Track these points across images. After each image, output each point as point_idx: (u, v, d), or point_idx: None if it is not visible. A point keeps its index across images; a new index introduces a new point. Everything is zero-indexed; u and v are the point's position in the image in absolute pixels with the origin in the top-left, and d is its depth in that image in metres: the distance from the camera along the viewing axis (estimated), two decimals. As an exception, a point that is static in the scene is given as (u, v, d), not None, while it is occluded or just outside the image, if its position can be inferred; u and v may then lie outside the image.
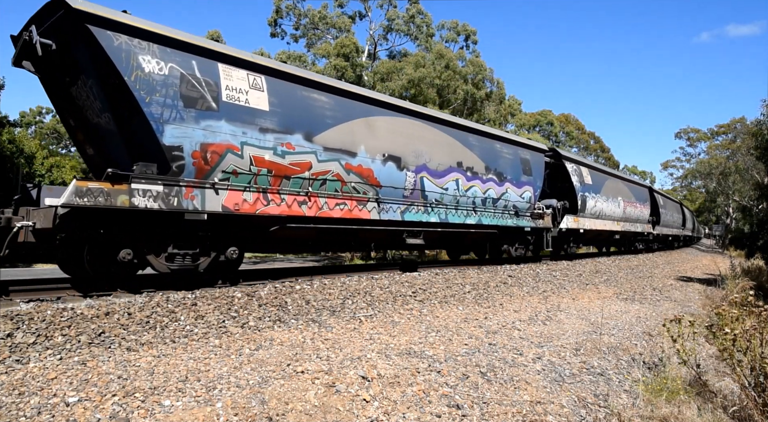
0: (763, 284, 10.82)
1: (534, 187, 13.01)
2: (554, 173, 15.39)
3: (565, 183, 15.25)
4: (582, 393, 3.99)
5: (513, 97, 29.40)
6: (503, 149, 12.19)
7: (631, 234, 21.59)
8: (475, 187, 10.96)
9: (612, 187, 18.72)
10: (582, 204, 15.53)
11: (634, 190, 21.87)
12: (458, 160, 10.53)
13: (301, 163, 7.36)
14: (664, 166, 61.93)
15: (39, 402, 3.13)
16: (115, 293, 6.22)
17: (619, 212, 18.95)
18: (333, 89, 8.08)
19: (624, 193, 20.05)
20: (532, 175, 13.00)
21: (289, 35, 26.15)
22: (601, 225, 17.40)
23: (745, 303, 4.13)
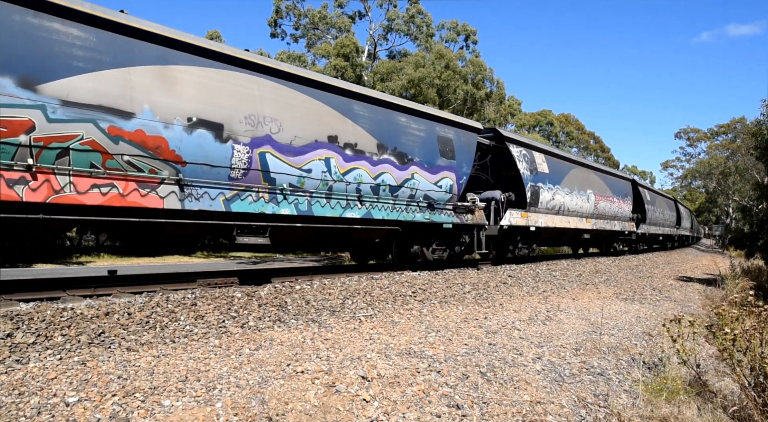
0: (763, 284, 10.82)
1: (458, 174, 10.27)
2: (499, 159, 12.68)
3: (511, 171, 12.49)
4: (582, 393, 3.99)
5: (513, 97, 29.43)
6: (411, 124, 9.47)
7: (607, 233, 18.86)
8: (359, 171, 8.29)
9: (579, 178, 15.88)
10: (533, 196, 12.76)
11: (611, 183, 18.96)
12: (331, 133, 7.86)
13: (10, 120, 4.98)
14: (664, 166, 61.98)
15: (39, 402, 3.13)
16: (115, 293, 6.22)
17: (588, 207, 16.19)
18: (91, 19, 5.61)
19: (597, 185, 17.32)
20: (455, 159, 10.22)
21: (289, 35, 26.18)
22: (563, 222, 14.59)
23: (745, 303, 4.13)
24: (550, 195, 13.65)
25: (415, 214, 9.49)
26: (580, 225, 15.97)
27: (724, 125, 51.30)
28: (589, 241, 19.47)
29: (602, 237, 19.67)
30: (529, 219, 12.66)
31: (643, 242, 24.67)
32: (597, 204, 16.98)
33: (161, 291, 6.13)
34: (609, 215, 18.25)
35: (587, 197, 16.20)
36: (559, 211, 14.35)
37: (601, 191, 17.64)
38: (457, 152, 10.42)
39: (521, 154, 12.78)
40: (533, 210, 12.92)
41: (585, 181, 16.43)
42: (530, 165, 12.96)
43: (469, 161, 10.81)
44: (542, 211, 13.37)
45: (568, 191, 14.93)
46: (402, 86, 21.58)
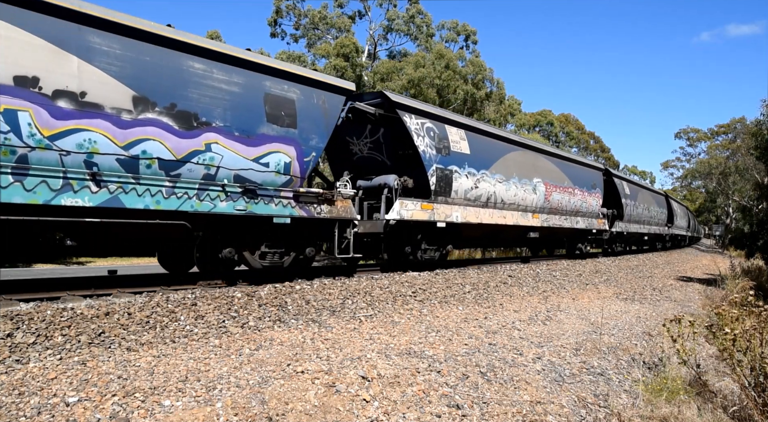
0: (763, 284, 10.82)
1: (300, 149, 7.48)
2: (394, 134, 9.87)
3: (410, 149, 9.70)
4: (582, 393, 3.99)
5: (513, 97, 29.44)
6: (213, 73, 6.69)
7: (567, 231, 15.72)
8: (91, 134, 5.58)
9: (520, 163, 12.86)
10: (442, 183, 9.90)
11: (573, 172, 15.78)
12: (24, 72, 5.13)
13: None
14: (664, 166, 61.96)
15: (39, 402, 3.13)
16: (115, 293, 6.22)
17: (535, 200, 13.21)
18: None
19: (550, 173, 14.20)
20: (295, 128, 7.44)
21: (289, 35, 26.19)
22: (495, 217, 11.57)
23: (745, 303, 4.13)
24: (470, 182, 10.63)
25: (217, 204, 6.62)
26: (523, 221, 12.76)
27: (724, 125, 51.33)
28: (541, 241, 16.11)
29: (561, 237, 16.56)
30: (434, 213, 9.70)
31: (620, 242, 20.94)
32: (549, 196, 13.86)
33: (161, 291, 6.13)
34: (569, 210, 15.11)
35: (533, 187, 13.08)
36: (487, 203, 11.30)
37: (556, 180, 14.43)
38: (302, 119, 7.48)
39: (423, 128, 9.70)
40: (443, 200, 10.01)
41: (530, 168, 13.21)
42: (438, 142, 9.87)
43: (323, 132, 7.88)
44: (458, 202, 10.39)
45: (502, 178, 11.78)
46: (402, 86, 21.59)
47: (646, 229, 23.24)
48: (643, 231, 22.75)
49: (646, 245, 26.72)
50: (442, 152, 9.96)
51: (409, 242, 9.86)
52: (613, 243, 19.98)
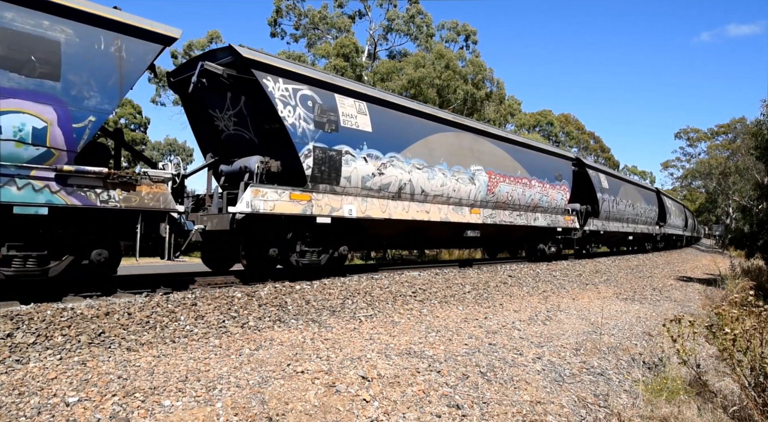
0: (763, 284, 10.82)
1: (62, 109, 5.36)
2: (256, 103, 7.74)
3: (275, 123, 7.59)
4: (582, 393, 3.99)
5: (513, 97, 29.44)
6: None
7: (520, 230, 13.29)
8: None
9: (453, 147, 10.58)
10: (324, 167, 7.73)
11: (529, 161, 13.21)
12: None
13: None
14: (664, 166, 61.92)
15: (39, 402, 3.13)
16: (115, 293, 6.22)
17: (472, 191, 10.83)
18: None
19: (496, 160, 11.81)
20: (55, 79, 5.34)
21: (289, 35, 26.19)
22: (409, 211, 9.34)
23: (745, 303, 4.13)
24: (371, 167, 8.47)
25: None
26: (456, 217, 10.45)
27: (724, 125, 51.31)
28: (484, 241, 13.99)
29: (517, 236, 14.27)
30: (312, 205, 7.56)
31: (596, 243, 18.40)
32: (495, 187, 11.52)
33: (161, 291, 6.13)
34: (523, 205, 12.78)
35: (471, 176, 10.78)
36: (400, 194, 9.10)
37: (506, 169, 12.08)
38: (72, 69, 5.42)
39: (295, 95, 7.47)
40: (327, 189, 7.82)
41: (466, 153, 10.92)
42: (319, 114, 7.73)
43: (112, 91, 5.73)
44: (353, 192, 8.26)
45: (423, 164, 9.56)
46: (402, 86, 21.59)
47: (630, 228, 20.66)
48: (626, 230, 20.13)
49: (631, 245, 24.57)
50: (325, 128, 7.77)
51: (276, 243, 7.66)
52: (588, 243, 17.46)
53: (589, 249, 17.80)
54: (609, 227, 18.06)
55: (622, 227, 19.63)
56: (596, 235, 17.65)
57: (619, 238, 21.54)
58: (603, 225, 17.47)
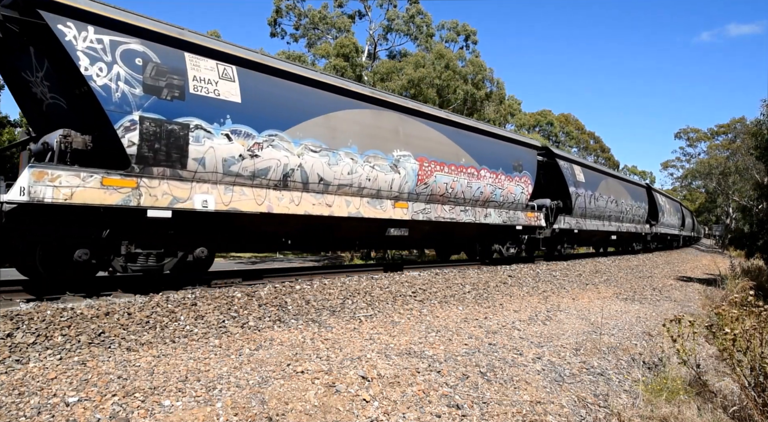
0: (763, 284, 10.82)
1: None
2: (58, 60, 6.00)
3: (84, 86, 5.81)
4: (582, 393, 3.99)
5: (513, 97, 29.44)
6: None
7: (467, 228, 11.43)
8: None
9: (364, 127, 8.65)
10: (154, 144, 6.00)
11: (477, 147, 11.21)
12: None
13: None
14: (664, 166, 61.91)
15: (39, 402, 3.13)
16: (115, 293, 6.22)
17: (396, 182, 9.09)
18: None
19: (431, 146, 9.95)
20: None
21: (289, 35, 26.19)
22: (302, 204, 7.59)
23: (745, 303, 4.13)
24: (237, 148, 6.66)
25: None
26: (374, 212, 8.71)
27: (724, 125, 51.31)
28: (417, 240, 11.61)
29: (464, 235, 12.08)
30: (141, 194, 5.85)
31: (569, 243, 16.21)
32: (428, 177, 9.76)
33: (161, 291, 6.13)
34: (470, 199, 10.97)
35: (394, 163, 8.97)
36: (286, 182, 7.32)
37: (444, 156, 10.20)
38: None
39: (113, 49, 5.78)
40: (168, 174, 6.13)
41: (389, 135, 9.05)
42: (154, 76, 6.02)
43: None
44: (210, 178, 6.52)
45: (323, 146, 7.76)
46: (402, 86, 21.58)
47: (614, 227, 18.73)
48: (608, 228, 18.13)
49: (615, 246, 22.85)
50: (163, 94, 6.03)
51: (85, 243, 5.90)
52: (560, 243, 15.48)
53: (562, 251, 15.74)
54: (585, 225, 16.14)
55: (602, 225, 17.69)
56: (569, 235, 15.71)
57: (601, 238, 19.73)
58: (578, 223, 15.46)
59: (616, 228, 19.14)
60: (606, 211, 17.96)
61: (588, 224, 16.45)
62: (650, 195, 24.49)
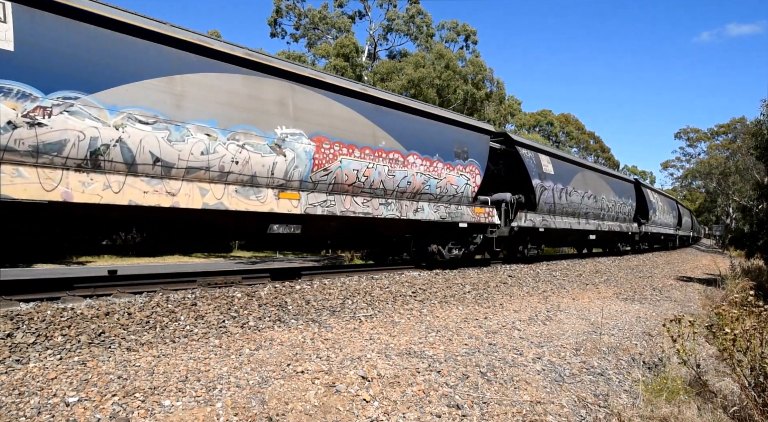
0: (763, 284, 10.82)
1: None
2: None
3: None
4: (582, 393, 3.99)
5: (512, 97, 29.46)
6: None
7: (396, 225, 9.61)
8: None
9: (207, 89, 6.51)
10: None
11: (401, 127, 9.25)
12: None
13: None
14: (664, 166, 61.97)
15: (39, 402, 3.13)
16: (115, 293, 6.22)
17: (278, 166, 7.18)
18: None
19: (334, 122, 8.07)
20: None
21: (289, 35, 26.21)
22: (100, 188, 5.47)
23: (745, 303, 4.13)
24: (6, 111, 4.86)
25: None
26: (248, 203, 6.79)
27: (724, 125, 51.34)
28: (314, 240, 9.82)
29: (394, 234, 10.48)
30: None
31: (533, 243, 14.39)
32: (329, 162, 7.82)
33: (161, 291, 6.13)
34: (393, 190, 8.99)
35: (278, 143, 7.14)
36: (98, 162, 5.50)
37: (356, 138, 8.34)
38: None
39: None
40: None
41: (273, 108, 7.21)
42: None
43: None
44: None
45: (160, 117, 5.98)
46: (402, 86, 21.58)
47: (592, 225, 16.72)
48: (584, 227, 16.16)
49: (597, 246, 20.81)
50: None
51: None
52: (522, 244, 13.80)
53: (525, 252, 14.00)
54: (554, 223, 14.13)
55: (577, 224, 15.67)
56: (533, 234, 13.88)
57: (577, 238, 17.75)
58: (544, 220, 13.56)
59: (595, 227, 17.08)
60: (581, 208, 15.95)
61: (558, 222, 14.44)
62: (639, 191, 22.26)
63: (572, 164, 16.23)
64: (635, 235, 21.78)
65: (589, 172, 17.23)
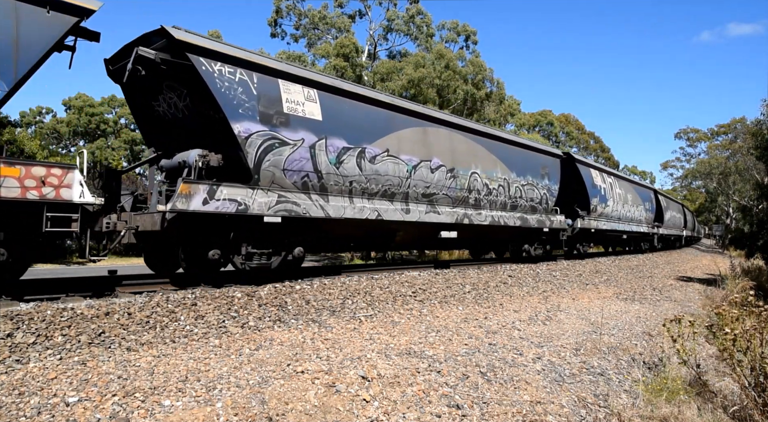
0: (763, 284, 10.82)
1: None
2: None
3: None
4: (582, 393, 3.99)
5: (512, 97, 29.44)
6: None
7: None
8: None
9: None
10: None
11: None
12: None
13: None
14: (664, 166, 61.98)
15: (39, 402, 3.13)
16: (115, 293, 6.22)
17: None
18: None
19: None
20: None
21: (290, 35, 26.20)
22: None
23: (745, 303, 4.13)
24: None
25: None
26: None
27: (724, 125, 51.31)
28: None
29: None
30: None
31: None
32: None
33: (161, 291, 6.13)
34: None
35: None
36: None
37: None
38: None
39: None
40: None
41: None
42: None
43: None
44: None
45: None
46: (402, 86, 21.58)
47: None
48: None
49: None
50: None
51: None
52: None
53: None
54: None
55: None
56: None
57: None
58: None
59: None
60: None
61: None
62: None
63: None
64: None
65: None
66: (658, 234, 25.47)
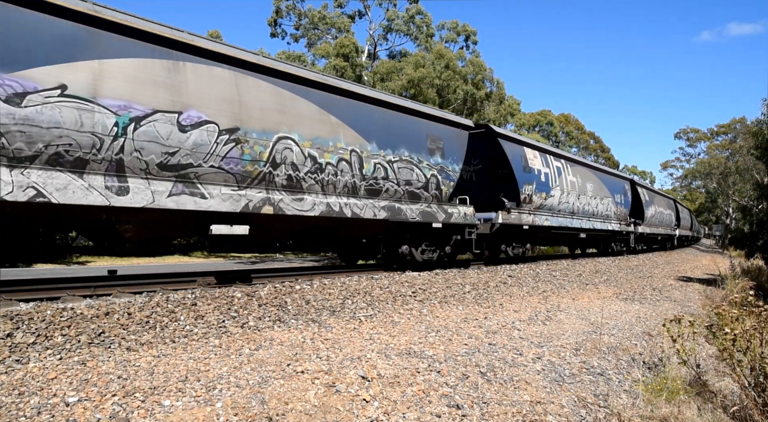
0: (763, 284, 10.82)
1: None
2: None
3: None
4: (582, 393, 3.99)
5: (512, 97, 29.45)
6: None
7: None
8: None
9: None
10: None
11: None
12: None
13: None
14: (663, 166, 62.02)
15: (39, 402, 3.13)
16: (115, 293, 6.22)
17: None
18: None
19: None
20: None
21: (290, 35, 26.22)
22: None
23: (745, 303, 4.13)
24: None
25: None
26: None
27: (724, 125, 51.35)
28: None
29: None
30: None
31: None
32: None
33: (161, 291, 6.13)
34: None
35: None
36: None
37: None
38: None
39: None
40: None
41: None
42: None
43: None
44: None
45: None
46: (402, 86, 21.59)
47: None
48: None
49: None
50: None
51: None
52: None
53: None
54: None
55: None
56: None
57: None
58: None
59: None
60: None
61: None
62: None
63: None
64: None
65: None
66: (635, 234, 21.12)
